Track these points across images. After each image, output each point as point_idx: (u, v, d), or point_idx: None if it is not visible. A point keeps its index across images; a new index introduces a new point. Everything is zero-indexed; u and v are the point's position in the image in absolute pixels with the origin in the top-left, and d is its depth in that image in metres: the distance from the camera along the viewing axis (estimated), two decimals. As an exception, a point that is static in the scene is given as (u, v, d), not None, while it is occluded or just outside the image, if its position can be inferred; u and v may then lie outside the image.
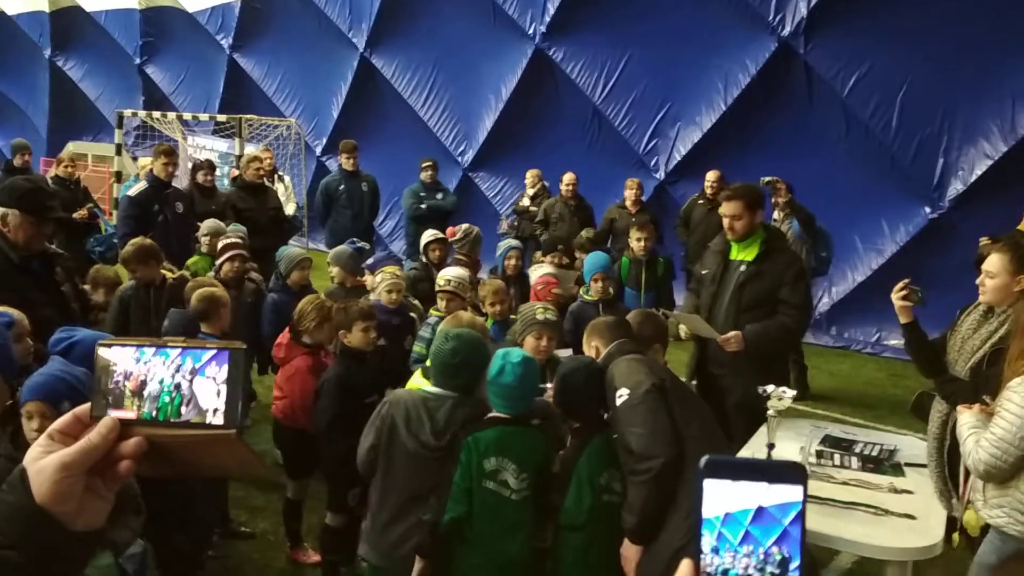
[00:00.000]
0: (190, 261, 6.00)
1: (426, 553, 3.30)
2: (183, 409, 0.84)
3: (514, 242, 6.39)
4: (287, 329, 4.73)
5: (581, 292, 5.71)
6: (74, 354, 2.94)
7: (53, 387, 2.66)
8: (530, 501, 3.31)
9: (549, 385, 3.70)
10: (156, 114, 13.90)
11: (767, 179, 7.80)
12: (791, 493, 0.68)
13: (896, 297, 3.84)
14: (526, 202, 9.68)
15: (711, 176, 8.55)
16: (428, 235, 6.25)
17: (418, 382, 3.73)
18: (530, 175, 9.84)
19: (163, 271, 5.41)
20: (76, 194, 8.52)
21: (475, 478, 3.23)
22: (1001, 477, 3.05)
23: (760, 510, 0.68)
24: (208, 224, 6.34)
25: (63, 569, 0.84)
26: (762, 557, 0.67)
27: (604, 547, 3.36)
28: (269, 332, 5.36)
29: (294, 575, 4.56)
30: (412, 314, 5.22)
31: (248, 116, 12.97)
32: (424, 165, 9.30)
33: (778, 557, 0.67)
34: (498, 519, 3.27)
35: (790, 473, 0.69)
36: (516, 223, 9.64)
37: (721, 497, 0.69)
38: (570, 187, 9.00)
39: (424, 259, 6.15)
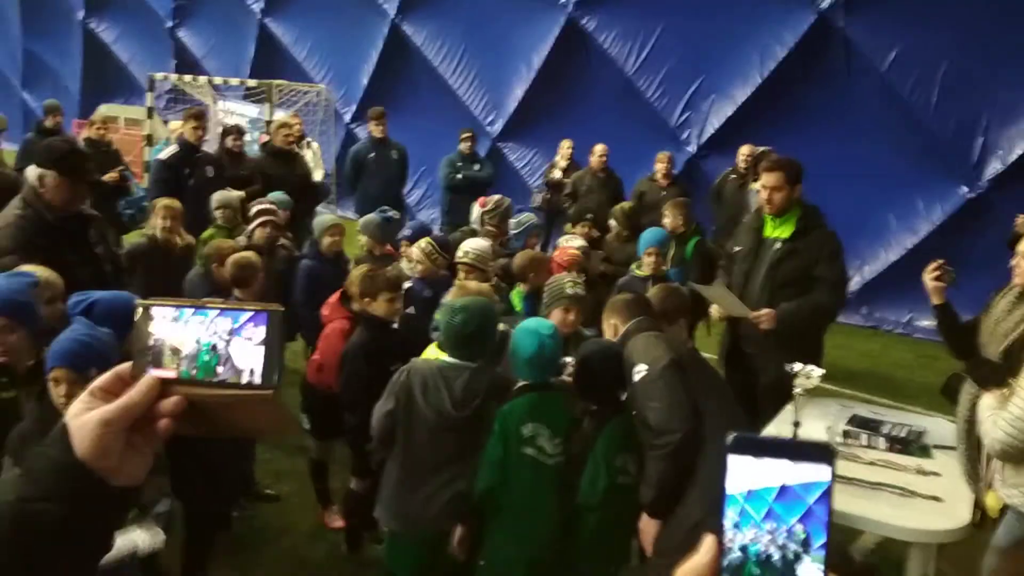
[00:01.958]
0: (205, 234, 5.89)
1: (465, 520, 3.35)
2: (219, 369, 0.85)
3: (534, 219, 6.29)
4: (339, 291, 4.76)
5: (633, 267, 5.64)
6: (93, 315, 2.96)
7: (79, 353, 2.67)
8: (564, 467, 3.33)
9: (569, 359, 3.70)
10: (187, 78, 13.94)
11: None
12: (817, 472, 0.68)
13: (928, 277, 3.78)
14: (558, 174, 9.52)
15: (744, 151, 8.43)
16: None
17: (434, 353, 3.75)
18: (564, 145, 9.71)
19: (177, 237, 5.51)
20: (108, 156, 8.59)
21: (512, 446, 3.25)
22: (1018, 457, 3.02)
23: (784, 488, 0.68)
24: (219, 196, 6.20)
25: (100, 524, 0.86)
26: (784, 534, 0.67)
27: (616, 528, 3.40)
28: (303, 299, 5.39)
29: (318, 538, 4.63)
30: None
31: (278, 82, 12.97)
32: (464, 136, 9.26)
33: (801, 535, 0.67)
34: (538, 485, 3.31)
35: (817, 452, 0.69)
36: (549, 196, 9.53)
37: (745, 473, 0.68)
38: (602, 159, 8.91)
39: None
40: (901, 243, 9.21)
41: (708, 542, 0.69)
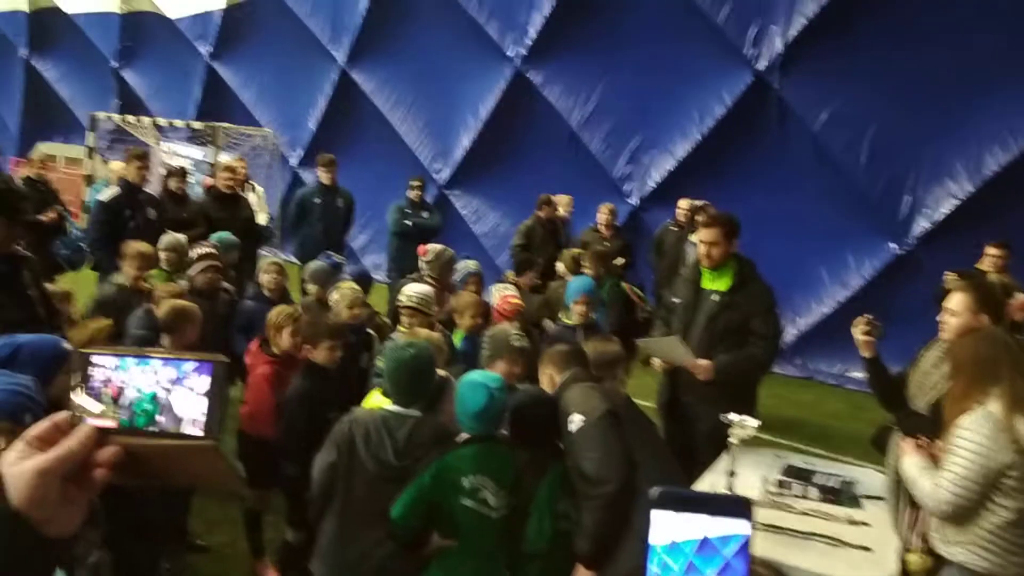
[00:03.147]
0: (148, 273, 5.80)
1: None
2: (160, 418, 0.84)
3: (472, 267, 6.29)
4: (259, 337, 4.71)
5: (562, 316, 5.68)
6: (19, 359, 2.88)
7: (14, 402, 2.60)
8: (508, 518, 3.32)
9: None
10: (130, 118, 13.78)
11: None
12: (736, 526, 0.70)
13: (858, 331, 3.91)
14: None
15: (683, 204, 8.64)
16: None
17: (377, 400, 3.73)
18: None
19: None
20: (46, 196, 8.42)
21: (452, 497, 3.22)
22: (965, 516, 3.07)
23: (704, 541, 0.70)
24: (167, 240, 6.09)
25: (34, 573, 0.84)
26: None
27: (561, 573, 3.38)
28: (237, 337, 5.32)
29: (251, 590, 4.51)
30: (370, 332, 5.20)
31: (224, 125, 12.91)
32: (412, 184, 9.25)
33: None
34: (481, 537, 3.28)
35: (736, 507, 0.71)
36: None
37: (668, 526, 0.71)
38: (569, 211, 9.12)
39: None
40: (834, 296, 9.48)
41: None
